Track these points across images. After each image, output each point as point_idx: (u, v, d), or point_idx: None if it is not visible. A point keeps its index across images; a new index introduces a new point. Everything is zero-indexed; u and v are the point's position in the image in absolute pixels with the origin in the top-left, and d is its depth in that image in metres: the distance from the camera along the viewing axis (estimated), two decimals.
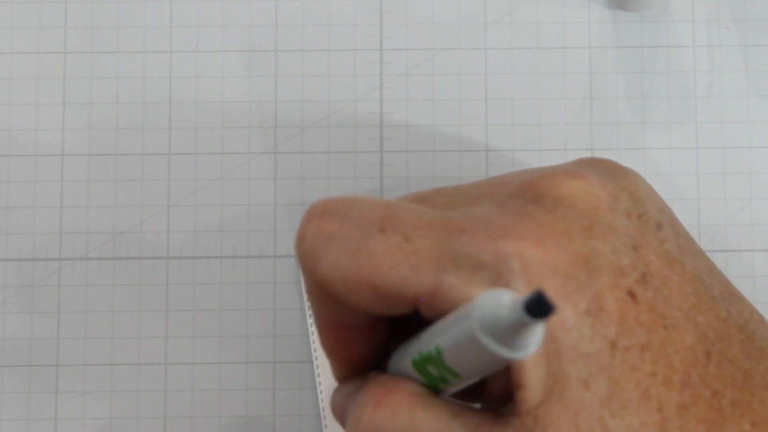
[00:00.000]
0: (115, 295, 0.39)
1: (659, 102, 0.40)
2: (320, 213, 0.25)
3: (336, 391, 0.28)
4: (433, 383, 0.24)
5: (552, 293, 0.22)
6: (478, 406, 0.25)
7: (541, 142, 0.40)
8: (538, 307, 0.18)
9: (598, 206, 0.24)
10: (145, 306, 0.39)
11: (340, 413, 0.28)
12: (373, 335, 0.26)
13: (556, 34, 0.40)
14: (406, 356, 0.25)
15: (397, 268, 0.23)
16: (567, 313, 0.22)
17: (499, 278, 0.22)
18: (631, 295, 0.23)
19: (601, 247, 0.23)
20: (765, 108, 0.40)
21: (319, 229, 0.24)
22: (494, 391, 0.24)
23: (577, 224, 0.24)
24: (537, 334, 0.19)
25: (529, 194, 0.25)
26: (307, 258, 0.25)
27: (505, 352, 0.19)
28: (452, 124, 0.40)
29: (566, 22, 0.40)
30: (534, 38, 0.40)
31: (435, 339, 0.22)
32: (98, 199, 0.40)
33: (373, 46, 0.40)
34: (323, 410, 0.37)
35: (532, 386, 0.22)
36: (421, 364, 0.23)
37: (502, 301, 0.19)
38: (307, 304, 0.36)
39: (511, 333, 0.19)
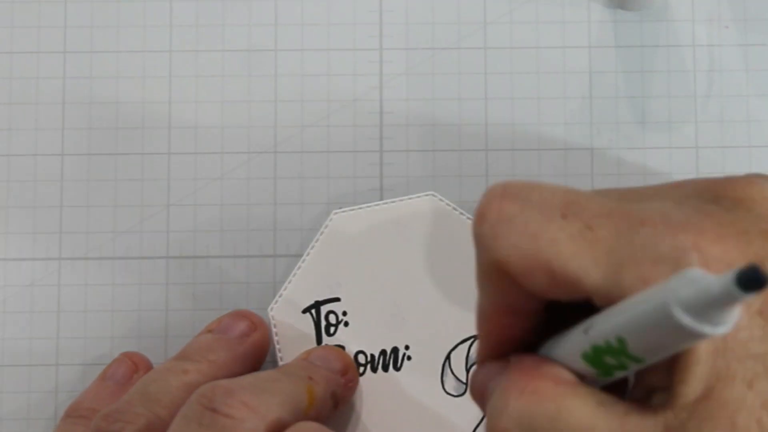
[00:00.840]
0: (115, 295, 0.39)
1: (659, 101, 0.40)
2: (501, 194, 0.25)
3: (477, 371, 0.28)
4: (608, 372, 0.23)
5: None
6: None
7: (541, 142, 0.40)
8: (752, 279, 0.18)
9: None
10: (145, 306, 0.39)
11: (480, 394, 0.27)
12: (533, 320, 0.26)
13: (556, 34, 0.40)
14: (570, 344, 0.24)
15: (578, 256, 0.23)
16: (741, 312, 0.22)
17: (681, 270, 0.22)
18: None
19: None
20: (765, 107, 0.40)
21: (501, 209, 0.24)
22: (649, 383, 0.24)
23: (755, 226, 0.24)
24: (734, 312, 0.19)
25: (707, 195, 0.25)
26: (486, 237, 0.24)
27: (706, 328, 0.19)
28: (452, 123, 0.40)
29: (566, 21, 0.40)
30: (534, 38, 0.40)
31: (617, 328, 0.22)
32: (98, 199, 0.40)
33: (373, 46, 0.40)
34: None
35: (695, 381, 0.22)
36: (596, 356, 0.23)
37: (704, 280, 0.19)
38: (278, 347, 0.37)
39: (711, 310, 0.19)
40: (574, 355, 0.24)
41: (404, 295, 0.37)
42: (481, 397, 0.27)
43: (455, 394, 0.37)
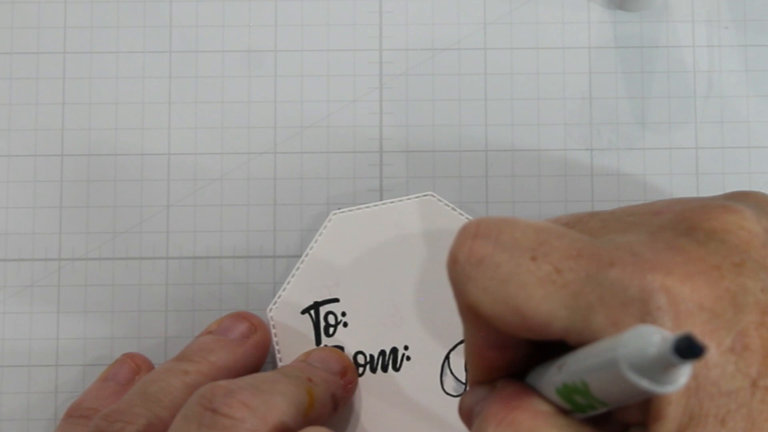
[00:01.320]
0: (115, 295, 0.39)
1: (659, 102, 0.40)
2: (473, 235, 0.25)
3: (466, 394, 0.28)
4: (581, 409, 0.24)
5: (698, 330, 0.22)
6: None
7: (541, 142, 0.40)
8: (687, 348, 0.19)
9: (751, 242, 0.24)
10: (145, 306, 0.39)
11: (467, 417, 0.28)
12: (517, 351, 0.27)
13: (555, 34, 0.40)
14: (547, 378, 0.25)
15: (547, 301, 0.23)
16: (711, 351, 0.22)
17: (646, 315, 0.22)
18: None
19: (750, 284, 0.23)
20: (765, 108, 0.40)
21: (471, 252, 0.25)
22: (624, 418, 0.24)
23: (728, 260, 0.24)
24: (685, 371, 0.20)
25: (682, 226, 0.25)
26: (458, 281, 0.25)
27: (653, 387, 0.20)
28: (452, 124, 0.40)
29: (566, 22, 0.40)
30: (534, 38, 0.40)
31: (580, 372, 0.23)
32: (98, 199, 0.40)
33: (373, 46, 0.40)
34: None
35: (668, 421, 0.22)
36: (566, 394, 0.24)
37: (650, 339, 0.20)
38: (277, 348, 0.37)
39: (658, 370, 0.19)
40: (549, 390, 0.24)
41: (403, 295, 0.37)
42: (467, 420, 0.28)
43: (454, 394, 0.37)
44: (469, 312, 0.25)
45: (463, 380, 0.37)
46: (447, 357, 0.37)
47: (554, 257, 0.24)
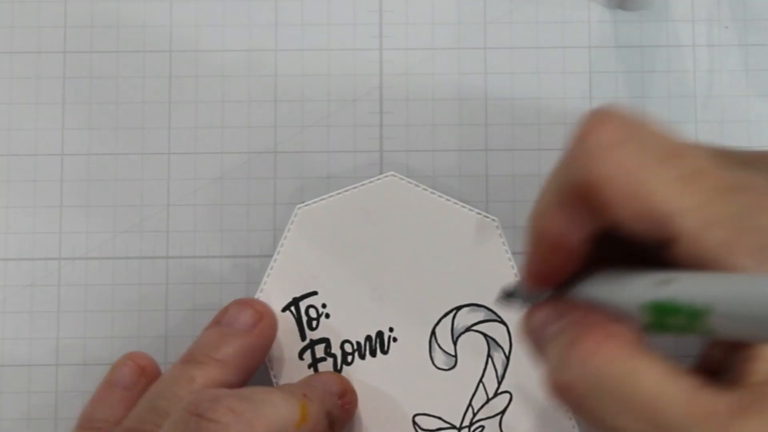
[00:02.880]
0: (114, 295, 0.39)
1: (659, 101, 0.40)
2: (606, 120, 0.24)
3: (532, 315, 0.27)
4: (664, 328, 0.23)
5: None
6: None
7: (541, 142, 0.40)
8: None
9: None
10: (145, 306, 0.39)
11: (537, 337, 0.26)
12: (584, 252, 0.26)
13: (556, 34, 0.40)
14: (626, 291, 0.24)
15: (674, 200, 0.23)
16: None
17: (766, 248, 0.22)
18: None
19: None
20: (765, 107, 0.40)
21: (604, 134, 0.24)
22: (711, 358, 0.24)
23: None
24: None
25: None
26: (583, 157, 0.24)
27: None
28: (452, 123, 0.40)
29: (566, 21, 0.40)
30: (534, 38, 0.40)
31: (705, 296, 0.21)
32: (98, 198, 0.40)
33: (373, 46, 0.40)
34: None
35: (765, 362, 0.22)
36: (661, 311, 0.22)
37: None
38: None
39: None
40: (631, 302, 0.23)
41: (380, 278, 0.37)
42: (536, 341, 0.26)
43: (446, 367, 0.37)
44: (579, 191, 0.24)
45: (453, 353, 0.37)
46: (433, 332, 0.37)
47: (689, 165, 0.23)
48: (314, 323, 0.37)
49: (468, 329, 0.37)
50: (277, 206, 0.39)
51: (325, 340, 0.37)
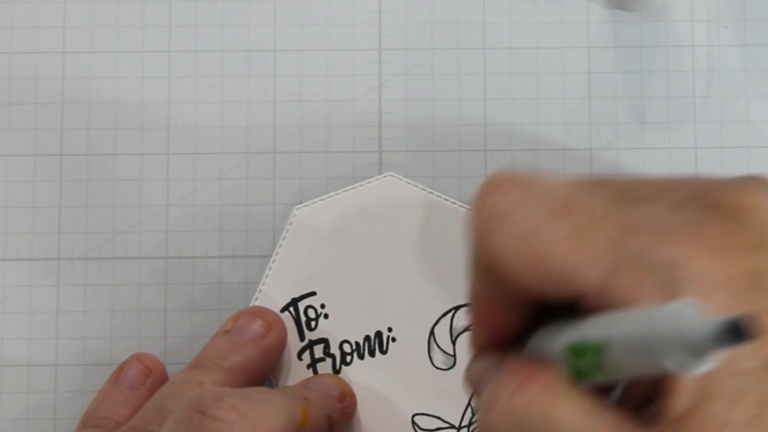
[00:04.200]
0: (114, 295, 0.39)
1: (658, 102, 0.40)
2: (499, 185, 0.25)
3: (473, 363, 0.28)
4: (578, 373, 0.23)
5: (720, 306, 0.22)
6: None
7: (540, 142, 0.40)
8: (737, 331, 0.18)
9: None
10: (145, 306, 0.39)
11: (474, 386, 0.28)
12: (522, 313, 0.26)
13: (555, 34, 0.40)
14: (552, 340, 0.24)
15: (573, 256, 0.23)
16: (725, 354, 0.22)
17: (671, 284, 0.22)
18: None
19: None
20: (764, 108, 0.40)
21: (495, 205, 0.24)
22: (632, 393, 0.24)
23: (752, 238, 0.23)
24: (721, 353, 0.19)
25: (704, 202, 0.24)
26: (479, 233, 0.24)
27: (684, 365, 0.19)
28: (452, 124, 0.40)
29: (565, 21, 0.40)
30: (533, 38, 0.40)
31: (599, 334, 0.22)
32: (97, 199, 0.40)
33: (373, 46, 0.40)
34: None
35: (682, 396, 0.22)
36: (574, 352, 0.23)
37: (689, 317, 0.19)
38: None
39: (694, 350, 0.19)
40: (553, 350, 0.24)
41: (379, 278, 0.38)
42: (474, 389, 0.28)
43: (445, 367, 0.37)
44: (486, 266, 0.25)
45: (452, 352, 0.37)
46: (432, 332, 0.37)
47: (582, 217, 0.24)
48: (313, 323, 0.37)
49: (467, 329, 0.38)
50: (276, 206, 0.39)
51: (324, 341, 0.37)
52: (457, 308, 0.38)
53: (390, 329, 0.37)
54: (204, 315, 0.39)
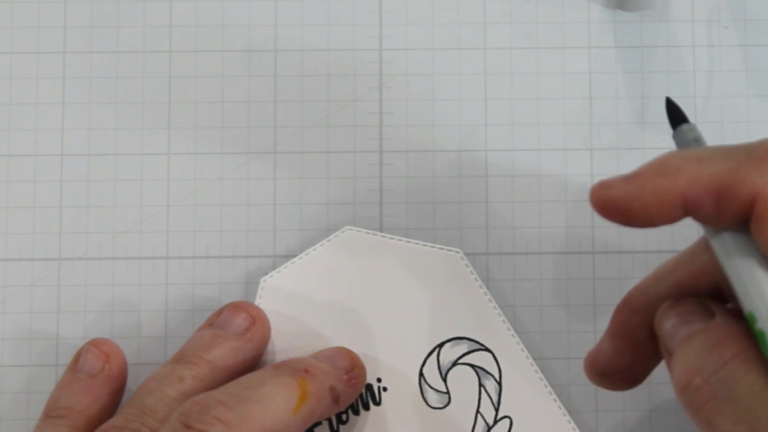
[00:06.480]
0: (114, 295, 0.39)
1: (659, 102, 0.40)
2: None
3: (668, 311, 0.29)
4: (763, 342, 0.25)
5: None
6: None
7: (540, 142, 0.40)
8: None
9: None
10: (145, 306, 0.39)
11: (669, 336, 0.29)
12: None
13: (555, 34, 0.40)
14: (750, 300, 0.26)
15: (743, 167, 0.26)
16: None
17: None
18: None
19: None
20: (764, 108, 0.40)
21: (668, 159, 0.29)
22: None
23: None
24: None
25: None
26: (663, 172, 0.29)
27: None
28: (452, 124, 0.40)
29: (566, 22, 0.40)
30: (533, 38, 0.40)
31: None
32: (98, 199, 0.40)
33: (373, 46, 0.40)
34: None
35: None
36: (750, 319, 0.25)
37: None
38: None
39: None
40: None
41: (358, 333, 0.37)
42: (668, 338, 0.29)
43: (441, 405, 0.37)
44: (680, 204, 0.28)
45: (444, 390, 0.37)
46: (421, 373, 0.37)
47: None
48: None
49: (455, 363, 0.37)
50: (277, 206, 0.39)
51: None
52: (440, 345, 0.37)
53: (379, 380, 0.37)
54: (204, 315, 0.39)
